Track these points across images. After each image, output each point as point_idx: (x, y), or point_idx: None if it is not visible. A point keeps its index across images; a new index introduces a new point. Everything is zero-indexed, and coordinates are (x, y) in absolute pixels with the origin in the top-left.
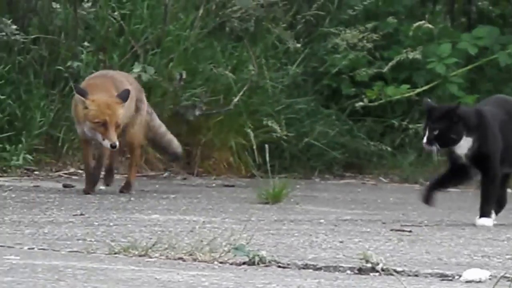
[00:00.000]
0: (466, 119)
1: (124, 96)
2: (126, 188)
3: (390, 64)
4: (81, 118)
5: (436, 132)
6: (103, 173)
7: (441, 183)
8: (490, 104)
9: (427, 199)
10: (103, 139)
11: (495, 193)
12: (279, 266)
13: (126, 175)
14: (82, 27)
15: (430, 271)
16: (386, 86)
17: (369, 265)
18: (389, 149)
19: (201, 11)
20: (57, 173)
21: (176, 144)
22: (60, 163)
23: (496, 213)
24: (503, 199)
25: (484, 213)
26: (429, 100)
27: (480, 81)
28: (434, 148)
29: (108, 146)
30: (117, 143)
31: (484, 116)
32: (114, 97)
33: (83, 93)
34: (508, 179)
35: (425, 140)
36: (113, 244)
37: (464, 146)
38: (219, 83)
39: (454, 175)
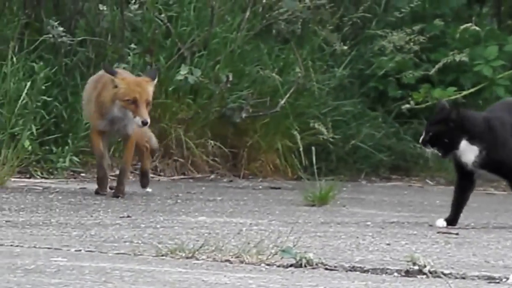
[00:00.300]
0: (468, 126)
1: (153, 75)
2: (147, 181)
3: (437, 66)
4: (108, 101)
5: (430, 134)
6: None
7: (460, 202)
8: (498, 109)
9: (453, 222)
10: (134, 117)
11: None
12: (326, 269)
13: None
14: (129, 29)
15: (477, 273)
16: (433, 88)
17: (416, 267)
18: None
19: (247, 13)
20: None
21: (154, 140)
22: None
23: None
24: None
25: None
26: (444, 101)
27: None
28: (429, 150)
29: (140, 123)
30: (149, 120)
31: (491, 123)
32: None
33: (113, 73)
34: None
35: (420, 140)
36: (160, 246)
37: (469, 154)
38: (266, 85)
39: (464, 186)
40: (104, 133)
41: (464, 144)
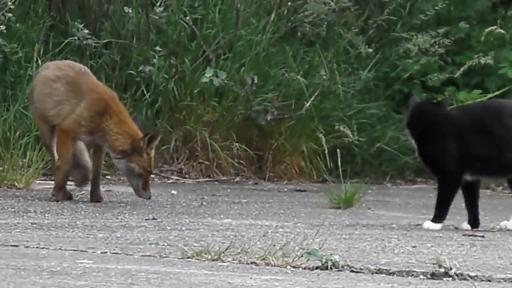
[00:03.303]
0: (410, 121)
1: None
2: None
3: (462, 69)
4: (117, 148)
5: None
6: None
7: (469, 200)
8: (461, 111)
9: (475, 223)
10: (144, 189)
11: (449, 197)
12: (352, 271)
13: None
14: (154, 31)
15: (503, 276)
16: (458, 91)
17: (442, 270)
18: None
19: (273, 15)
20: None
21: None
22: None
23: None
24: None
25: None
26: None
27: None
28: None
29: (148, 197)
30: None
31: (437, 119)
32: None
33: None
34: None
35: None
36: (185, 248)
37: (416, 148)
38: (291, 88)
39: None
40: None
41: (410, 137)
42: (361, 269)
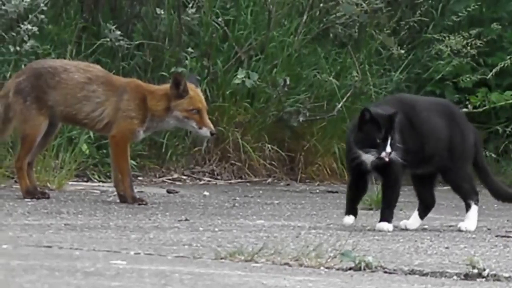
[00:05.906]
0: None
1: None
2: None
3: (494, 70)
4: (162, 110)
5: (393, 141)
6: None
7: (356, 199)
8: (387, 105)
9: (353, 212)
10: (200, 128)
11: (395, 197)
12: (385, 272)
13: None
14: (186, 33)
15: None
16: (490, 92)
17: (475, 270)
18: (493, 155)
19: (305, 17)
20: (160, 179)
21: None
22: (164, 168)
23: (422, 217)
24: (431, 200)
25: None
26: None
27: None
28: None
29: (208, 134)
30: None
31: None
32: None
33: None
34: (433, 180)
35: (389, 150)
36: (219, 249)
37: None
38: (323, 89)
39: (358, 187)
40: None
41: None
42: (394, 270)
